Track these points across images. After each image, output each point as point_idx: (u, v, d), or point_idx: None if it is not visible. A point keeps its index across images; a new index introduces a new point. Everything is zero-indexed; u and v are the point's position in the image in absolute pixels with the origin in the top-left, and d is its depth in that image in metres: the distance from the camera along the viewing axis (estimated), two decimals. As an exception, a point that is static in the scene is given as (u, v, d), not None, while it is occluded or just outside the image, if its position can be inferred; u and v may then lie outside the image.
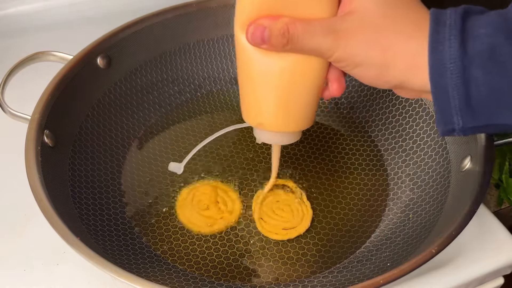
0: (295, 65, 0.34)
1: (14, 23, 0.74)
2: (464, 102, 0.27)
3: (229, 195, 0.49)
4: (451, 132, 0.29)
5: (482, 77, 0.26)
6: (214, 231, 0.46)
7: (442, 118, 0.29)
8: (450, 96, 0.28)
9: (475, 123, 0.28)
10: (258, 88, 0.35)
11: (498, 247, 0.45)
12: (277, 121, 0.37)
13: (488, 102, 0.27)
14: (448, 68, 0.27)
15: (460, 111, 0.28)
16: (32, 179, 0.39)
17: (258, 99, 0.36)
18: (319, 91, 0.37)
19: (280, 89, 0.35)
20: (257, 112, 0.37)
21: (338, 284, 0.40)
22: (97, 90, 0.52)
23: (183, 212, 0.47)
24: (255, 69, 0.34)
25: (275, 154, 0.44)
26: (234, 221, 0.47)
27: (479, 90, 0.27)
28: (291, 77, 0.34)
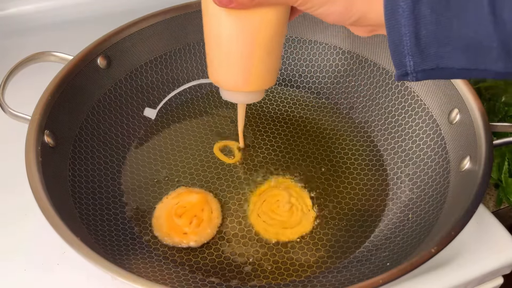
0: (261, 20, 0.34)
1: (14, 23, 0.74)
2: (414, 40, 0.28)
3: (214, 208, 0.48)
4: (405, 76, 0.30)
5: (430, 15, 0.27)
6: (175, 241, 0.45)
7: (395, 59, 0.30)
8: (402, 34, 0.28)
9: (425, 65, 0.29)
10: (224, 49, 0.36)
11: (497, 247, 0.45)
12: (244, 80, 0.37)
13: (436, 41, 0.28)
14: (400, 5, 0.28)
15: (411, 50, 0.29)
16: (32, 179, 0.39)
17: (224, 60, 0.37)
18: (282, 44, 0.37)
19: (246, 48, 0.35)
20: (223, 73, 0.38)
21: (338, 284, 0.40)
22: (97, 90, 0.52)
23: (160, 213, 0.47)
24: (221, 30, 0.35)
25: (240, 112, 0.46)
26: (195, 240, 0.45)
27: (427, 29, 0.28)
28: (257, 33, 0.35)
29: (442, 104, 0.49)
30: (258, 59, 0.36)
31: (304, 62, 0.61)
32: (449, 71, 0.29)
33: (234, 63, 0.36)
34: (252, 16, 0.34)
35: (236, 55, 0.36)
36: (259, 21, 0.34)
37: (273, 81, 0.39)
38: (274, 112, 0.59)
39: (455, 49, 0.28)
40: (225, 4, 0.32)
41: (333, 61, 0.60)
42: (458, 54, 0.28)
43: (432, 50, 0.28)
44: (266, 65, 0.37)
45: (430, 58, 0.29)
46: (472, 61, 0.28)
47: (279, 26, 0.35)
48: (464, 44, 0.28)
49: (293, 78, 0.62)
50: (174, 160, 0.53)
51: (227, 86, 0.39)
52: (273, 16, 0.34)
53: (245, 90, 0.38)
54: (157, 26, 0.55)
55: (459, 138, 0.46)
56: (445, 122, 0.48)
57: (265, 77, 0.38)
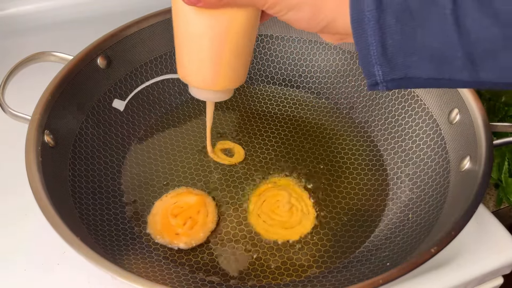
0: (229, 20, 0.34)
1: (14, 23, 0.74)
2: (381, 50, 0.28)
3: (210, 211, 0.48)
4: (376, 86, 0.30)
5: (395, 24, 0.27)
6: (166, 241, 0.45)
7: (365, 69, 0.30)
8: (369, 43, 0.28)
9: (393, 74, 0.29)
10: (192, 47, 0.36)
11: (497, 247, 0.45)
12: (212, 79, 0.37)
13: (402, 51, 0.28)
14: (365, 15, 0.28)
15: (379, 60, 0.29)
16: (32, 179, 0.39)
17: (193, 58, 0.36)
18: (252, 45, 0.37)
19: (214, 47, 0.35)
20: (191, 70, 0.38)
21: (338, 284, 0.40)
22: (97, 90, 0.52)
23: (157, 210, 0.47)
24: (189, 28, 0.35)
25: (208, 110, 0.45)
26: (185, 242, 0.45)
27: (393, 39, 0.28)
28: (225, 33, 0.35)
29: (442, 104, 0.49)
30: (226, 58, 0.36)
31: (304, 62, 0.61)
32: (417, 80, 0.29)
33: (202, 62, 0.36)
34: (221, 16, 0.34)
35: (205, 53, 0.36)
36: (227, 21, 0.34)
37: (241, 80, 0.39)
38: (274, 112, 0.59)
39: (421, 58, 0.28)
40: (193, 2, 0.32)
41: (333, 61, 0.60)
42: (425, 64, 0.28)
43: (399, 60, 0.28)
44: (235, 64, 0.37)
45: (398, 67, 0.29)
46: (438, 71, 0.28)
47: (248, 27, 0.35)
48: (429, 54, 0.28)
49: (293, 78, 0.62)
50: (174, 160, 0.53)
51: (196, 83, 0.38)
52: (242, 17, 0.34)
53: (213, 89, 0.38)
54: (157, 26, 0.55)
55: (459, 138, 0.46)
56: (445, 122, 0.48)
57: (234, 76, 0.38)
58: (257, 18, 0.36)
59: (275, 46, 0.61)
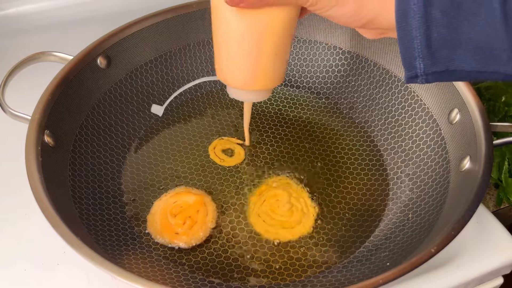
0: (270, 20, 0.34)
1: (14, 23, 0.74)
2: (425, 43, 0.28)
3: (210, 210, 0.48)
4: (415, 79, 0.30)
5: (441, 18, 0.28)
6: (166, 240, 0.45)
7: (406, 62, 0.30)
8: (414, 37, 0.29)
9: (435, 67, 0.29)
10: (233, 48, 0.36)
11: (497, 247, 0.45)
12: (251, 79, 0.38)
13: (447, 44, 0.28)
14: (412, 8, 0.28)
15: (422, 53, 0.29)
16: (32, 179, 0.39)
17: (233, 59, 0.37)
18: (290, 43, 0.37)
19: (255, 47, 0.35)
20: (231, 71, 0.38)
21: (338, 284, 0.40)
22: (97, 90, 0.52)
23: (157, 209, 0.47)
24: (230, 29, 0.35)
25: (246, 110, 0.46)
26: (185, 241, 0.45)
27: (439, 32, 0.28)
28: (266, 33, 0.35)
29: (442, 104, 0.49)
30: (266, 58, 0.36)
31: (304, 62, 0.61)
32: (459, 73, 0.29)
33: (242, 62, 0.37)
34: (262, 16, 0.34)
35: (245, 54, 0.36)
36: (268, 21, 0.34)
37: (280, 80, 0.40)
38: (274, 112, 0.59)
39: (465, 51, 0.28)
40: (236, 3, 0.32)
41: (333, 61, 0.60)
42: (469, 57, 0.28)
43: (443, 53, 0.28)
44: (274, 64, 0.37)
45: (440, 60, 0.29)
46: (482, 64, 0.28)
47: (288, 26, 0.35)
48: (474, 46, 0.28)
49: (293, 78, 0.62)
50: (174, 160, 0.53)
51: (235, 84, 0.39)
52: (282, 16, 0.34)
53: (252, 89, 0.39)
54: (157, 26, 0.55)
55: (459, 138, 0.46)
56: (445, 122, 0.48)
57: (273, 76, 0.38)
58: (297, 15, 0.36)
59: (275, 46, 0.61)
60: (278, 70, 0.38)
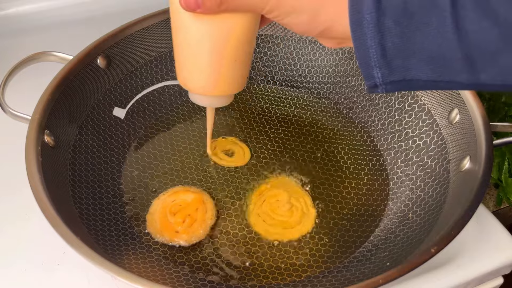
0: (229, 26, 0.34)
1: (14, 23, 0.74)
2: (380, 52, 0.28)
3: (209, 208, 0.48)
4: (375, 88, 0.30)
5: (394, 28, 0.27)
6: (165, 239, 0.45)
7: (364, 71, 0.30)
8: (369, 46, 0.28)
9: (393, 77, 0.29)
10: (192, 53, 0.36)
11: (497, 247, 0.45)
12: (211, 85, 0.37)
13: (401, 53, 0.28)
14: (365, 18, 0.28)
15: (378, 63, 0.29)
16: (32, 179, 0.39)
17: (193, 64, 0.36)
18: (252, 50, 0.37)
19: (214, 53, 0.35)
20: (191, 77, 0.37)
21: (338, 284, 0.40)
22: (97, 90, 0.52)
23: (156, 208, 0.48)
24: (189, 34, 0.35)
25: (209, 116, 0.46)
26: (186, 240, 0.45)
27: (393, 41, 0.28)
28: (225, 39, 0.34)
29: (442, 104, 0.49)
30: (226, 64, 0.36)
31: (304, 62, 0.61)
32: (416, 82, 0.29)
33: (202, 68, 0.36)
34: (221, 21, 0.33)
35: (205, 60, 0.35)
36: (227, 27, 0.34)
37: (242, 86, 0.39)
38: (274, 112, 0.59)
39: (420, 61, 0.28)
40: (193, 8, 0.32)
41: (333, 61, 0.60)
42: (423, 66, 0.28)
43: (398, 62, 0.28)
44: (234, 70, 0.37)
45: (397, 70, 0.29)
46: (437, 73, 0.28)
47: (248, 32, 0.35)
48: (428, 56, 0.28)
49: (293, 78, 0.62)
50: (174, 160, 0.53)
51: (195, 90, 0.38)
52: (241, 23, 0.34)
53: (212, 94, 0.38)
54: (157, 26, 0.55)
55: (459, 138, 0.46)
56: (445, 122, 0.48)
57: (234, 82, 0.38)
58: (257, 23, 0.35)
59: (275, 46, 0.61)
60: (238, 76, 0.38)
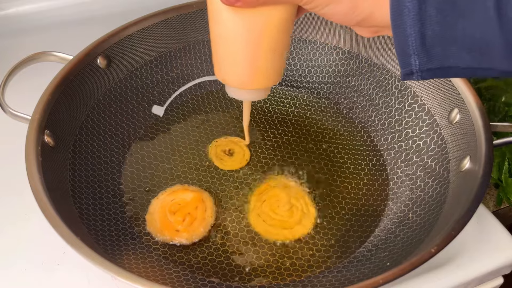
0: (267, 19, 0.34)
1: (14, 23, 0.74)
2: (420, 41, 0.28)
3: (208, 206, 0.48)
4: (410, 76, 0.30)
5: (436, 15, 0.28)
6: (165, 238, 0.45)
7: (401, 59, 0.30)
8: (408, 34, 0.29)
9: (430, 64, 0.29)
10: (229, 47, 0.36)
11: (497, 247, 0.45)
12: (249, 78, 0.38)
13: (442, 41, 0.28)
14: (406, 6, 0.28)
15: (417, 50, 0.29)
16: (32, 179, 0.39)
17: (230, 58, 0.37)
18: (288, 42, 0.37)
19: (252, 46, 0.35)
20: (229, 71, 0.38)
21: (338, 284, 0.40)
22: (97, 90, 0.52)
23: (156, 205, 0.48)
24: (226, 27, 0.35)
25: (245, 110, 0.46)
26: (186, 238, 0.45)
27: (433, 29, 0.28)
28: (263, 32, 0.35)
29: (442, 104, 0.49)
30: (264, 57, 0.36)
31: (304, 62, 0.61)
32: (455, 70, 0.29)
33: (240, 62, 0.36)
34: (258, 15, 0.34)
35: (242, 53, 0.36)
36: (265, 20, 0.34)
37: (278, 79, 0.40)
38: (274, 112, 0.59)
39: (460, 48, 0.28)
40: (232, 2, 0.32)
41: (333, 61, 0.60)
42: (464, 54, 0.28)
43: (438, 50, 0.29)
44: (272, 63, 0.37)
45: (435, 57, 0.29)
46: (477, 60, 0.28)
47: (285, 25, 0.35)
48: (469, 44, 0.28)
49: (293, 78, 0.62)
50: (174, 159, 0.53)
51: (233, 83, 0.39)
52: (279, 15, 0.34)
53: (250, 88, 0.39)
54: (157, 26, 0.55)
55: (459, 138, 0.46)
56: (445, 122, 0.48)
57: (271, 75, 0.38)
58: (294, 14, 0.36)
59: (275, 46, 0.61)
60: (276, 69, 0.38)
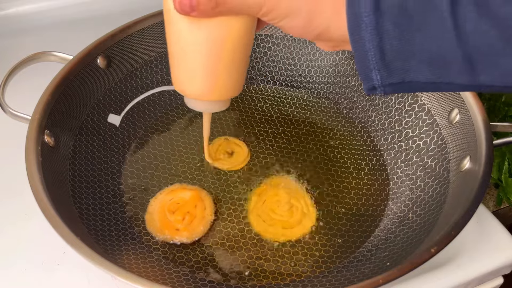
0: (225, 30, 0.33)
1: (14, 23, 0.74)
2: (379, 56, 0.28)
3: (207, 205, 0.48)
4: (374, 90, 0.30)
5: (393, 30, 0.27)
6: (165, 237, 0.45)
7: (362, 74, 0.30)
8: (367, 49, 0.28)
9: (391, 79, 0.29)
10: (187, 57, 0.35)
11: (497, 247, 0.45)
12: (208, 90, 0.37)
13: (401, 56, 0.28)
14: (363, 21, 0.28)
15: (377, 65, 0.29)
16: (32, 179, 0.39)
17: (188, 68, 0.36)
18: (248, 54, 0.36)
19: (210, 57, 0.34)
20: (187, 81, 0.37)
21: (338, 284, 0.40)
22: (97, 90, 0.52)
23: (155, 206, 0.48)
24: (183, 38, 0.34)
25: (205, 121, 0.45)
26: (187, 237, 0.45)
27: (391, 44, 0.28)
28: (221, 43, 0.34)
29: (442, 104, 0.49)
30: (222, 68, 0.35)
31: (304, 62, 0.61)
32: (416, 84, 0.29)
33: (197, 72, 0.35)
34: (216, 25, 0.33)
35: (200, 64, 0.35)
36: (223, 31, 0.33)
37: (238, 90, 0.39)
38: (274, 112, 0.59)
39: (419, 63, 0.28)
40: (187, 12, 0.31)
41: (333, 61, 0.60)
42: (424, 68, 0.28)
43: (398, 64, 0.28)
44: (231, 74, 0.36)
45: (396, 72, 0.29)
46: (437, 75, 0.28)
47: (244, 36, 0.34)
48: (428, 58, 0.27)
49: (293, 78, 0.62)
50: (174, 160, 0.53)
51: (191, 95, 0.38)
52: (237, 26, 0.33)
53: (209, 99, 0.38)
54: (157, 26, 0.55)
55: (459, 138, 0.46)
56: (445, 122, 0.48)
57: (230, 86, 0.37)
58: (253, 26, 0.35)
59: (275, 46, 0.61)
60: (234, 80, 0.37)
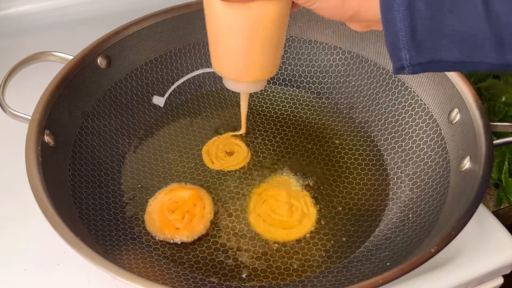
0: (261, 13, 0.35)
1: (14, 23, 0.74)
2: (410, 35, 0.29)
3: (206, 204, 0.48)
4: (402, 70, 0.31)
5: (425, 11, 0.28)
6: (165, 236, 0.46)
7: (392, 53, 0.30)
8: (398, 29, 0.29)
9: (421, 58, 0.30)
10: (225, 40, 0.37)
11: (497, 247, 0.45)
12: (245, 71, 0.38)
13: (432, 35, 0.29)
14: (395, 1, 0.28)
15: (407, 45, 0.29)
16: (32, 179, 0.39)
17: (226, 51, 0.38)
18: (283, 36, 0.38)
19: (246, 40, 0.36)
20: (225, 63, 0.39)
21: (338, 284, 0.40)
22: (97, 90, 0.52)
23: (154, 204, 0.48)
24: (221, 22, 0.36)
25: (243, 101, 0.46)
26: (187, 236, 0.45)
27: (423, 24, 0.28)
28: (257, 26, 0.36)
29: (442, 104, 0.49)
30: (259, 51, 0.37)
31: (304, 62, 0.61)
32: (445, 64, 0.30)
33: (235, 55, 0.37)
34: (252, 9, 0.35)
35: (238, 47, 0.37)
36: (259, 14, 0.35)
37: (274, 71, 0.40)
38: (274, 112, 0.59)
39: (450, 42, 0.29)
40: None
41: (333, 61, 0.60)
42: (453, 48, 0.29)
43: (428, 44, 0.29)
44: (267, 56, 0.38)
45: (425, 51, 0.29)
46: (467, 54, 0.29)
47: (279, 19, 0.36)
48: (458, 37, 0.28)
49: (293, 78, 0.62)
50: (174, 159, 0.53)
51: (230, 76, 0.40)
52: (273, 10, 0.35)
53: (246, 80, 0.39)
54: (157, 26, 0.55)
55: (459, 138, 0.46)
56: (445, 122, 0.48)
57: (267, 67, 0.39)
58: (288, 8, 0.36)
59: (275, 46, 0.61)
60: (270, 62, 0.39)
